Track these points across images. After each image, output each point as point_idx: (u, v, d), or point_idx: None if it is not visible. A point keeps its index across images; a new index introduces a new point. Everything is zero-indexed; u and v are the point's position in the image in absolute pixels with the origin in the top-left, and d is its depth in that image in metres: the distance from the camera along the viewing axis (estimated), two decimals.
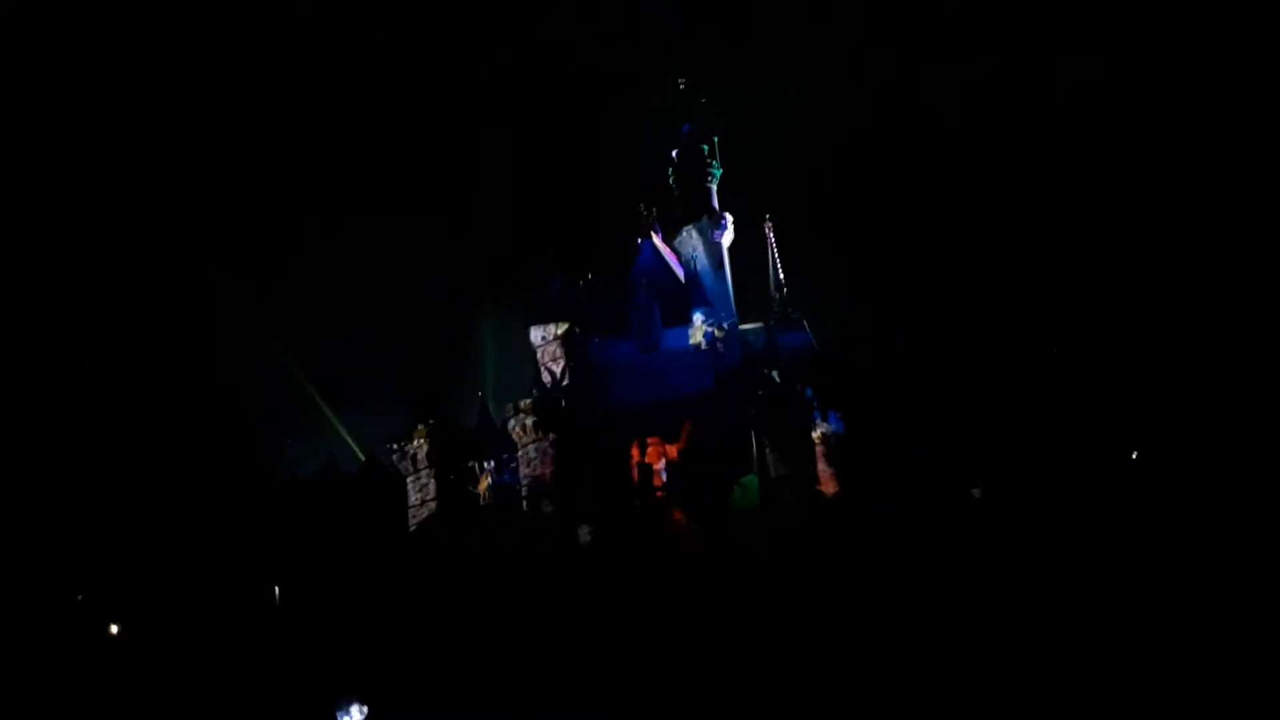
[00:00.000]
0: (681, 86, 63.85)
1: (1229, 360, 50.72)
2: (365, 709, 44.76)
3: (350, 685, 45.78)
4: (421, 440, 57.62)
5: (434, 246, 76.67)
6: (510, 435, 56.35)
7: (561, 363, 57.29)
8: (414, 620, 47.19)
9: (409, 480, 55.42)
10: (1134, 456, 52.52)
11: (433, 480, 53.98)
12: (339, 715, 45.26)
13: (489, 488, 53.16)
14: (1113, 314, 54.78)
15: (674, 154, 62.76)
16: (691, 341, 57.84)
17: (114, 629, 59.30)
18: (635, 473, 53.51)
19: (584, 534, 50.99)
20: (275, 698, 47.72)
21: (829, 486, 50.27)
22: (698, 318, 58.14)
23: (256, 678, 49.46)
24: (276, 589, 60.81)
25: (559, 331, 57.53)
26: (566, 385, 56.95)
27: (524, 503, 52.62)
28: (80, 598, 62.10)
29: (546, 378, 58.02)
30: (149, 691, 50.84)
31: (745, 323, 60.96)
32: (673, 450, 52.17)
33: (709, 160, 62.43)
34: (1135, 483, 47.78)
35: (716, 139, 63.31)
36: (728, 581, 44.58)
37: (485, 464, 53.97)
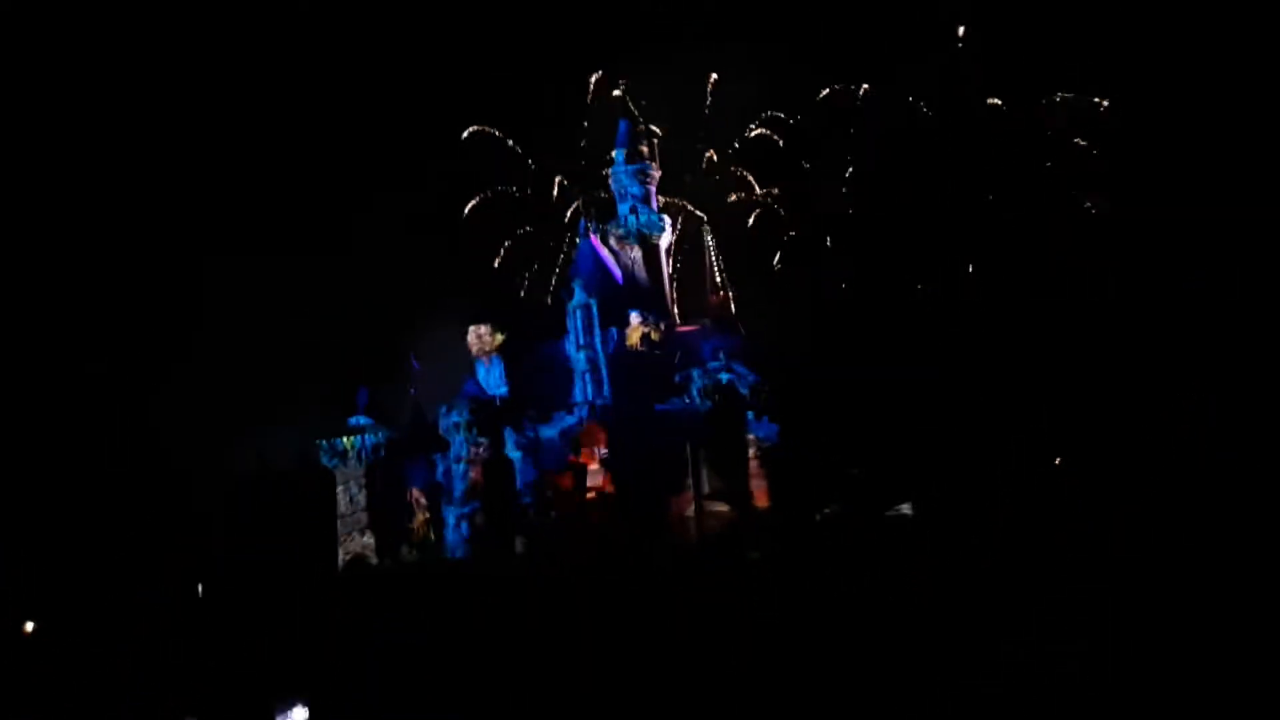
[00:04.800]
0: (622, 85, 63.23)
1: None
2: (307, 710, 44.22)
3: (291, 686, 45.29)
4: (352, 439, 57.24)
5: (367, 241, 74.92)
6: (443, 436, 55.98)
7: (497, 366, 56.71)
8: (352, 625, 46.91)
9: (339, 485, 54.84)
10: (1057, 461, 53.25)
11: (364, 489, 53.39)
12: (277, 717, 44.66)
13: (425, 522, 52.51)
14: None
15: (612, 154, 62.08)
16: (628, 343, 57.55)
17: (29, 626, 58.17)
18: (569, 478, 53.40)
19: (519, 544, 50.89)
20: (210, 697, 47.22)
21: (761, 500, 50.45)
22: (635, 318, 57.87)
23: (189, 676, 48.90)
24: (200, 586, 60.18)
25: (495, 334, 56.88)
26: (502, 388, 56.45)
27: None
28: None
29: (481, 379, 57.54)
30: (73, 692, 50.15)
31: (683, 324, 60.77)
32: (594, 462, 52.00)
33: (648, 160, 61.84)
34: (1066, 492, 48.53)
35: (657, 139, 62.77)
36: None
37: (421, 500, 53.27)
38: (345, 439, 57.37)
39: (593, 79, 64.71)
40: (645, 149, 61.80)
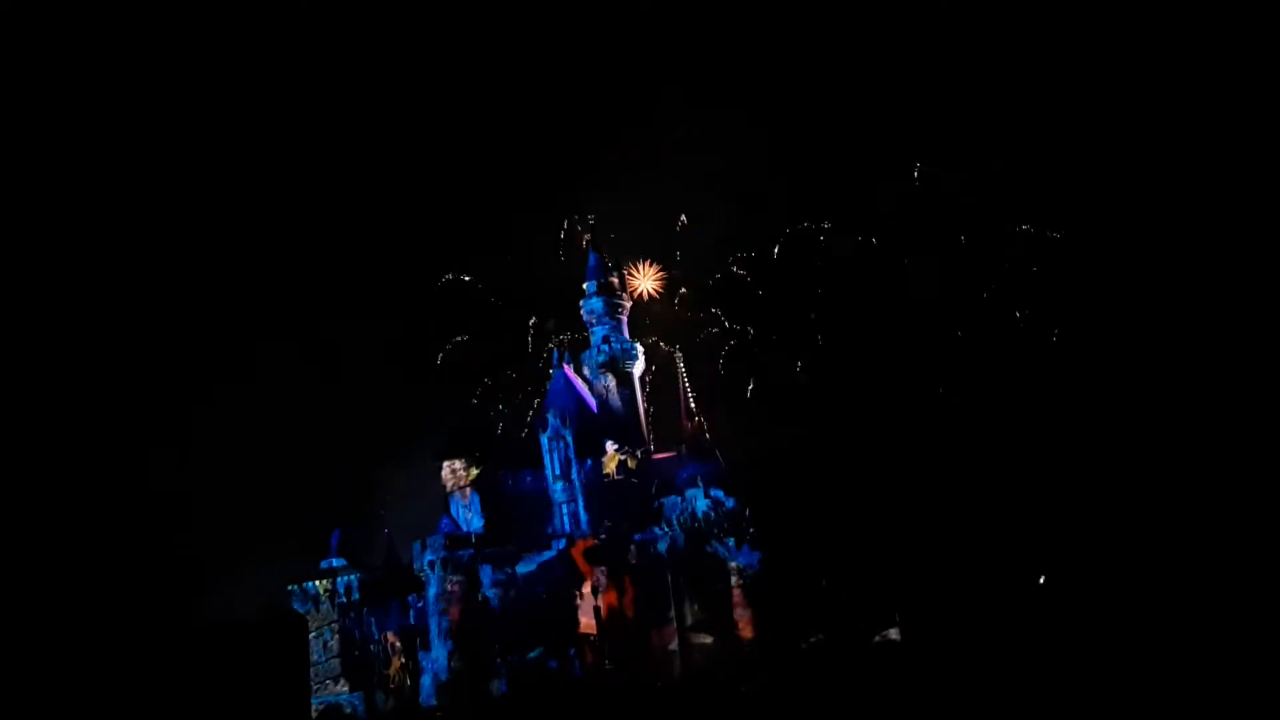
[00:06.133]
0: (591, 221, 64.22)
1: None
2: None
3: None
4: (325, 583, 55.82)
5: (338, 376, 74.89)
6: (418, 576, 54.62)
7: (473, 500, 55.77)
8: None
9: (311, 631, 53.14)
10: (1041, 581, 52.74)
11: (337, 634, 51.77)
12: None
13: (401, 668, 50.97)
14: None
15: (584, 285, 62.54)
16: (605, 472, 56.92)
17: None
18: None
19: (495, 687, 49.27)
20: None
21: (746, 630, 49.28)
22: (610, 448, 57.36)
23: None
24: None
25: (470, 468, 56.13)
26: (478, 523, 55.39)
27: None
28: None
29: (456, 514, 56.49)
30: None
31: (658, 452, 60.25)
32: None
33: (619, 291, 62.30)
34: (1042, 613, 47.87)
35: (628, 272, 63.41)
36: None
37: (396, 644, 51.80)
38: (318, 583, 55.97)
39: (565, 223, 66.09)
40: (615, 280, 62.35)
